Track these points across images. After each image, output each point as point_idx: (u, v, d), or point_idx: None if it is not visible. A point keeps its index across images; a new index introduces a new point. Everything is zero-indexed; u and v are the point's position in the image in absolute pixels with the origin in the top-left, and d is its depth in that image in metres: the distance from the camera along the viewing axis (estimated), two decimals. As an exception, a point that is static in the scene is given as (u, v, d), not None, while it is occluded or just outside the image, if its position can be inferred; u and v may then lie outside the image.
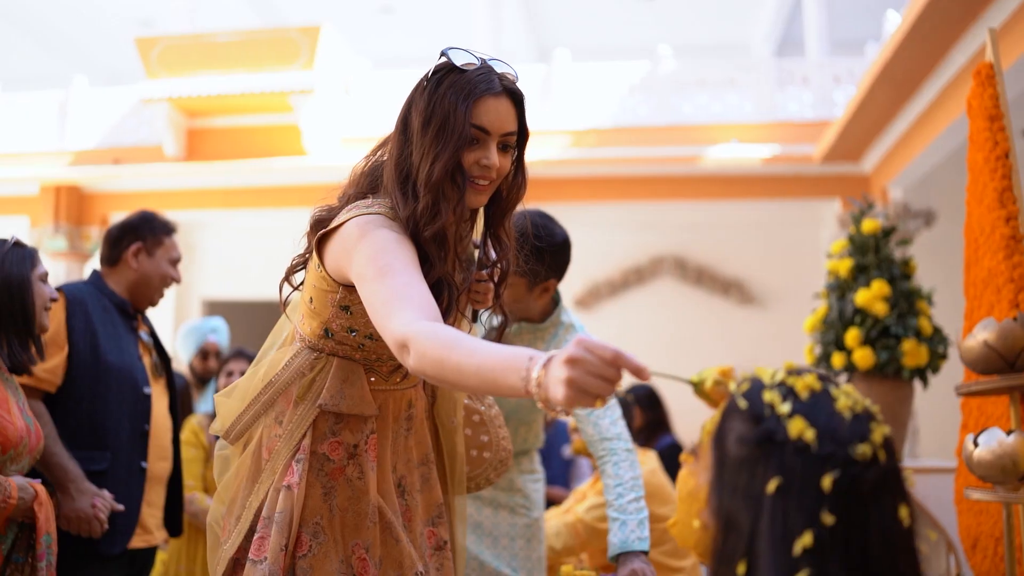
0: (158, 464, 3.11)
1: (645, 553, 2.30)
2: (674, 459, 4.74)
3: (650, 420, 5.51)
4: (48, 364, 2.83)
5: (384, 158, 1.82)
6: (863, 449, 0.95)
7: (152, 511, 3.09)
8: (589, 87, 9.98)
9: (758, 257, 10.78)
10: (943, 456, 6.25)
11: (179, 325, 10.13)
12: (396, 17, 13.28)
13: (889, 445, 0.99)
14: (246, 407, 1.85)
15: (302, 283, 1.88)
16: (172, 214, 10.44)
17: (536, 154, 9.54)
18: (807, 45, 10.67)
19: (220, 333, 5.02)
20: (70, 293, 2.98)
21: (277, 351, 1.92)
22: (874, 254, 3.81)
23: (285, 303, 1.91)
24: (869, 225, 3.83)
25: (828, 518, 0.92)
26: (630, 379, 5.14)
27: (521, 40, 13.67)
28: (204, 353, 4.93)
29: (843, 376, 3.78)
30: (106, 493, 2.77)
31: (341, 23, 11.08)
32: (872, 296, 3.68)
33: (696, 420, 2.22)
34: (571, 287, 10.91)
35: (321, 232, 1.74)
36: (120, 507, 2.80)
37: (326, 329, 1.79)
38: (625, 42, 13.69)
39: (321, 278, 1.76)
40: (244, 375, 1.93)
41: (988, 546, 3.11)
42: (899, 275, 3.77)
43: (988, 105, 3.27)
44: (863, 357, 3.63)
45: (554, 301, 2.75)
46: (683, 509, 1.11)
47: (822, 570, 0.91)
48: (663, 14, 13.17)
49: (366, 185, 1.83)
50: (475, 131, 1.71)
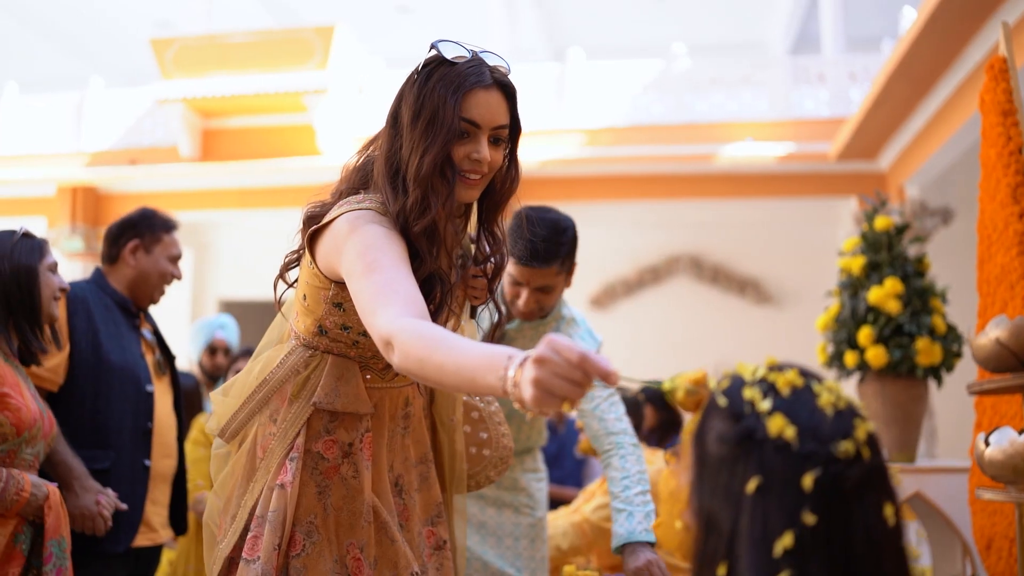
0: (162, 462, 3.10)
1: (651, 545, 2.28)
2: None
3: (662, 420, 5.46)
4: (50, 363, 2.84)
5: (376, 153, 1.80)
6: (846, 446, 0.93)
7: (157, 509, 3.09)
8: (604, 86, 9.95)
9: (774, 256, 10.72)
10: (961, 456, 6.19)
11: (195, 325, 10.17)
12: (413, 17, 13.30)
13: (874, 442, 0.96)
14: (241, 405, 1.84)
15: (296, 280, 1.86)
16: (187, 214, 10.51)
17: (550, 153, 9.53)
18: (823, 42, 10.60)
19: (228, 329, 5.04)
20: (71, 292, 2.98)
21: (273, 349, 1.91)
22: (887, 251, 3.77)
23: (280, 301, 1.90)
24: (882, 222, 3.78)
25: (809, 518, 0.90)
26: (632, 375, 5.11)
27: (537, 39, 13.66)
28: (212, 349, 4.95)
29: (856, 375, 3.74)
30: (110, 491, 2.78)
31: (358, 23, 11.10)
32: (885, 294, 3.63)
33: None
34: (586, 286, 10.89)
35: (312, 228, 1.73)
36: (124, 506, 2.80)
37: (320, 326, 1.78)
38: (640, 41, 13.65)
39: (313, 275, 1.75)
40: (240, 372, 1.92)
41: (1003, 547, 3.06)
42: (912, 273, 3.72)
43: (1001, 100, 3.23)
44: (876, 356, 3.58)
45: None
46: (665, 510, 1.09)
47: (803, 571, 0.89)
48: (678, 13, 13.13)
49: (358, 181, 1.82)
50: (465, 124, 1.69)
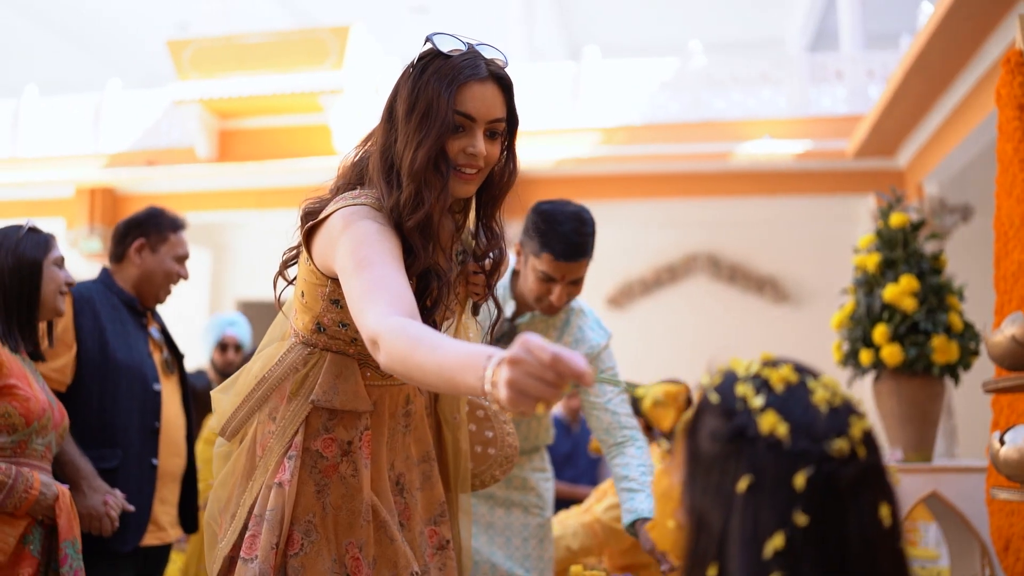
0: (171, 461, 3.10)
1: None
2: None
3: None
4: (57, 363, 2.85)
5: (372, 149, 1.79)
6: (840, 444, 0.90)
7: (166, 508, 3.09)
8: (619, 84, 9.92)
9: (792, 254, 10.66)
10: (981, 456, 6.12)
11: (212, 325, 10.21)
12: (429, 16, 13.30)
13: (870, 440, 0.93)
14: (240, 403, 1.83)
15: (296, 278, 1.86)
16: (204, 215, 10.55)
17: (566, 152, 9.51)
18: (841, 39, 10.53)
19: (238, 326, 5.07)
20: (77, 292, 2.99)
21: (272, 346, 1.90)
22: (902, 248, 3.73)
23: (280, 299, 1.88)
24: (897, 219, 3.75)
25: (801, 518, 0.87)
26: (651, 378, 5.08)
27: (554, 38, 13.64)
28: (223, 346, 4.98)
29: (871, 373, 3.70)
30: (118, 492, 2.78)
31: (375, 23, 11.11)
32: (900, 291, 3.59)
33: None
34: (603, 286, 10.86)
35: (309, 225, 1.71)
36: (131, 507, 2.80)
37: (318, 324, 1.77)
38: (657, 39, 13.60)
39: (310, 272, 1.74)
40: (240, 370, 1.91)
41: (1021, 548, 3.02)
42: (929, 270, 3.68)
43: (1018, 94, 3.18)
44: (891, 354, 3.54)
45: None
46: (659, 509, 1.06)
47: (795, 572, 0.86)
48: (695, 11, 13.08)
49: (354, 177, 1.81)
50: (460, 118, 1.67)
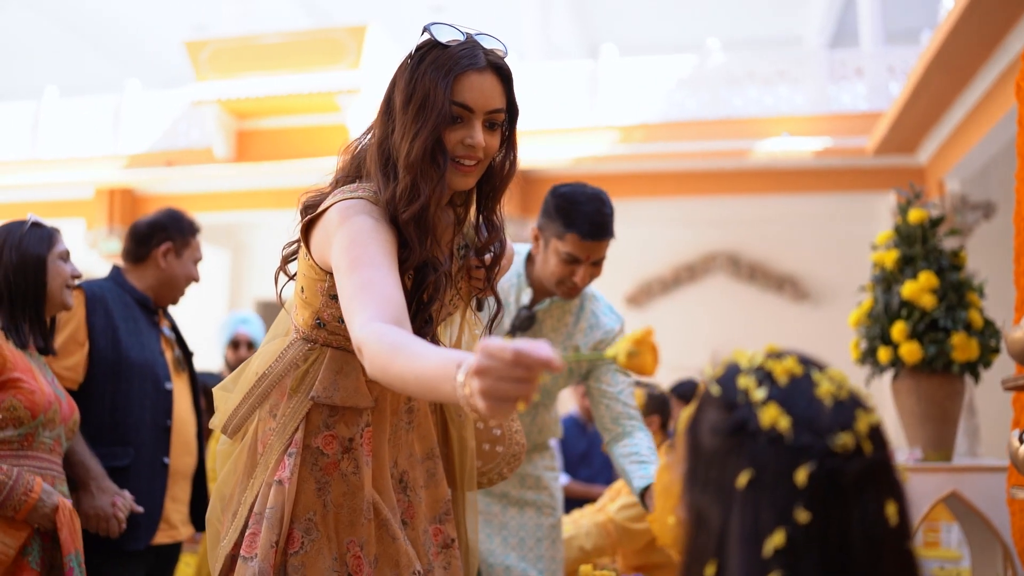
0: (182, 459, 3.10)
1: None
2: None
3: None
4: (69, 361, 2.85)
5: (371, 141, 1.77)
6: (844, 439, 0.87)
7: (177, 506, 3.08)
8: (637, 82, 9.88)
9: (812, 252, 10.59)
10: (1005, 456, 6.04)
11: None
12: (446, 15, 13.28)
13: (877, 435, 0.90)
14: (241, 400, 1.81)
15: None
16: (223, 215, 10.59)
17: (584, 151, 9.48)
18: (861, 36, 10.44)
19: (250, 324, 5.09)
20: (90, 290, 2.98)
21: (273, 343, 1.88)
22: (921, 245, 3.68)
23: (283, 295, 1.86)
24: (916, 215, 3.70)
25: (802, 515, 0.84)
26: (670, 376, 5.05)
27: (570, 36, 13.60)
28: (235, 343, 5.00)
29: (890, 371, 3.65)
30: (127, 493, 2.76)
31: (392, 22, 11.10)
32: (919, 288, 3.54)
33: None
34: (622, 285, 10.82)
35: (307, 219, 1.69)
36: (139, 509, 2.79)
37: (318, 319, 1.75)
38: (675, 37, 13.54)
39: (309, 266, 1.72)
40: (239, 367, 1.89)
41: (1043, 548, 2.97)
42: (948, 266, 3.63)
43: (1038, 87, 3.13)
44: (910, 352, 3.49)
45: None
46: (659, 505, 1.03)
47: (795, 571, 0.83)
48: (714, 8, 13.01)
49: (353, 170, 1.78)
50: (457, 109, 1.64)
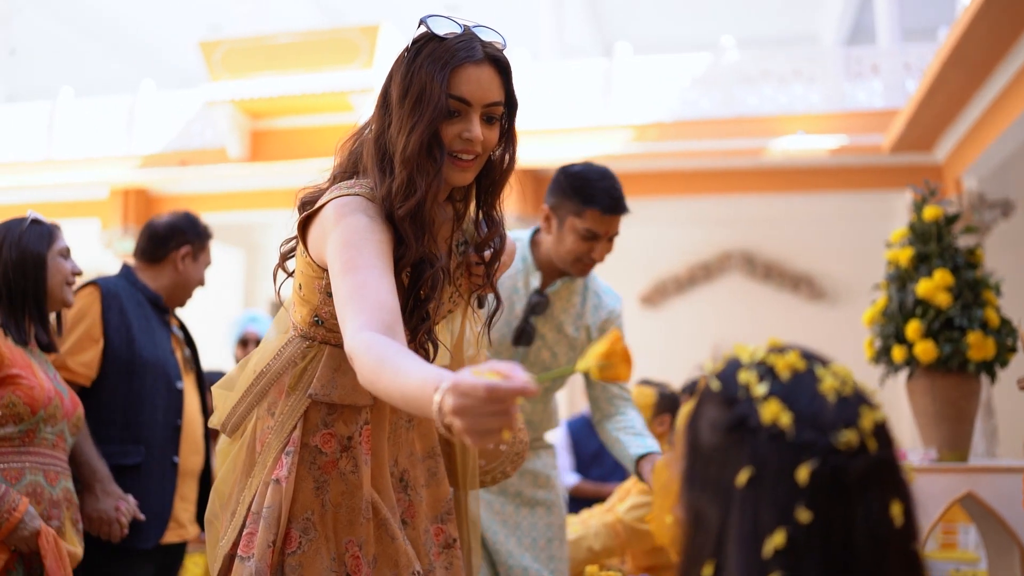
0: (191, 458, 3.09)
1: None
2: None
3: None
4: (84, 357, 2.85)
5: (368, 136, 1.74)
6: (847, 436, 0.83)
7: (185, 505, 3.08)
8: (651, 81, 9.84)
9: (828, 251, 10.53)
10: (1022, 456, 5.98)
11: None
12: (460, 14, 13.19)
13: (882, 433, 0.86)
14: (239, 398, 1.79)
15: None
16: (237, 215, 10.61)
17: (598, 149, 9.44)
18: (878, 34, 10.36)
19: (259, 323, 5.10)
20: (105, 287, 2.98)
21: (272, 340, 1.85)
22: (936, 242, 3.63)
23: (281, 292, 1.84)
24: (931, 212, 3.65)
25: (804, 514, 0.81)
26: (684, 375, 5.01)
27: (585, 35, 13.57)
28: (244, 341, 5.01)
29: (905, 370, 3.61)
30: (131, 498, 2.76)
31: (405, 22, 11.08)
32: (934, 286, 3.50)
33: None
34: (637, 285, 10.79)
35: (303, 215, 1.67)
36: (142, 516, 2.78)
37: (316, 316, 1.72)
38: (690, 35, 13.49)
39: (307, 264, 1.69)
40: (237, 365, 1.87)
41: (1060, 550, 2.93)
42: (964, 264, 3.58)
43: (1056, 82, 3.08)
44: (925, 350, 3.45)
45: None
46: (658, 503, 1.00)
47: (796, 572, 0.79)
48: (729, 7, 12.95)
49: (350, 165, 1.76)
50: (454, 102, 1.61)
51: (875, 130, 8.89)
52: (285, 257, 1.82)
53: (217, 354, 6.17)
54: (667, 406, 4.10)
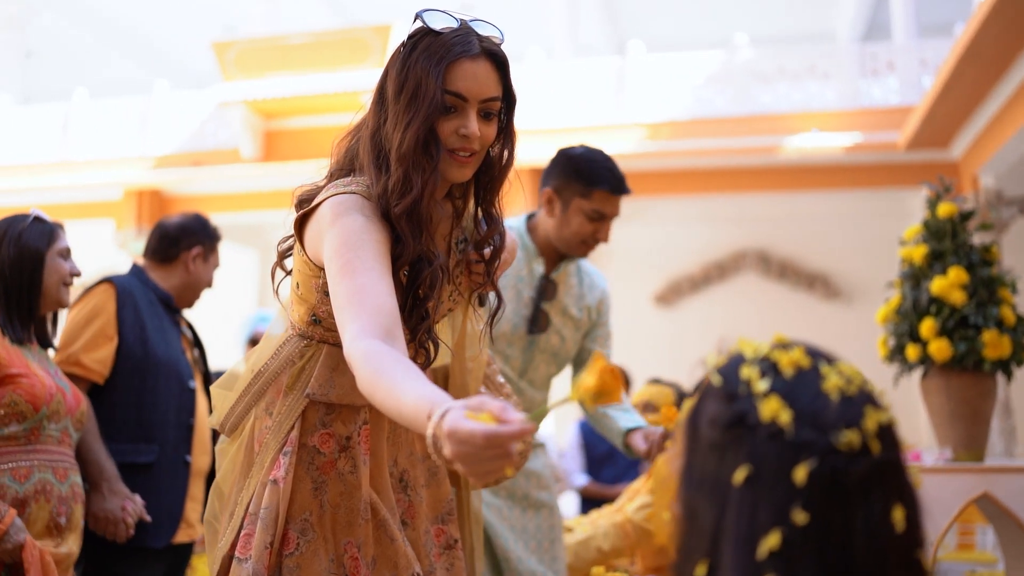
0: (200, 458, 3.09)
1: None
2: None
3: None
4: (98, 354, 2.84)
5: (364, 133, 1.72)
6: (849, 437, 0.80)
7: (194, 505, 3.07)
8: (664, 79, 9.80)
9: (844, 250, 10.46)
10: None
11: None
12: (475, 14, 13.20)
13: (887, 435, 0.83)
14: (238, 398, 1.77)
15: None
16: (250, 215, 10.62)
17: (611, 148, 9.34)
18: (894, 30, 10.29)
19: (270, 323, 5.09)
20: (120, 284, 2.98)
21: (270, 339, 1.83)
22: (951, 239, 3.58)
23: (279, 290, 1.82)
24: (945, 209, 3.60)
25: (800, 516, 0.78)
26: (698, 374, 4.97)
27: (598, 33, 13.54)
28: (254, 341, 5.00)
29: (919, 369, 3.57)
30: (138, 498, 2.74)
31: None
32: (949, 284, 3.45)
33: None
34: (651, 284, 10.75)
35: (300, 213, 1.65)
36: (148, 518, 2.77)
37: (314, 315, 1.70)
38: (705, 33, 13.43)
39: (304, 262, 1.67)
40: (235, 365, 1.85)
41: (1078, 552, 2.88)
42: (979, 262, 3.53)
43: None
44: (939, 349, 3.40)
45: None
46: (657, 499, 0.97)
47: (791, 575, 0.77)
48: (743, 4, 12.89)
49: (347, 162, 1.73)
50: (450, 98, 1.59)
51: (891, 127, 8.82)
52: (283, 256, 1.81)
53: (231, 354, 6.17)
54: (680, 406, 4.07)
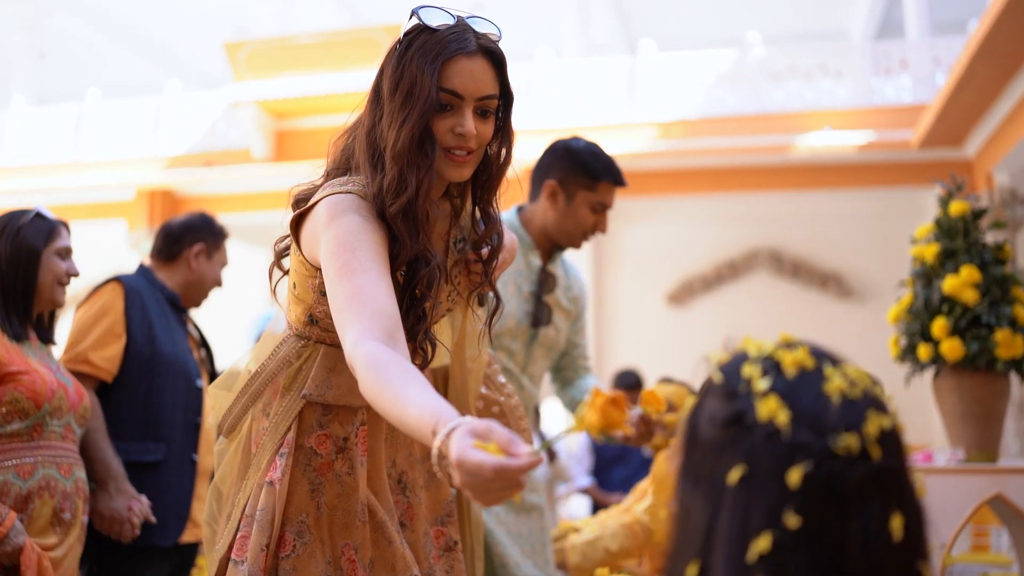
0: (208, 458, 3.09)
1: None
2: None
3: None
4: (107, 352, 2.84)
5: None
6: (848, 440, 0.77)
7: (201, 504, 3.06)
8: (676, 78, 9.77)
9: (857, 249, 10.39)
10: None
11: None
12: (485, 14, 13.13)
13: (889, 440, 0.80)
14: (235, 399, 1.76)
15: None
16: (262, 215, 10.63)
17: (622, 147, 9.37)
18: (907, 28, 10.22)
19: (276, 322, 5.10)
20: (128, 283, 2.98)
21: (268, 340, 1.82)
22: (963, 238, 3.55)
23: (276, 290, 1.81)
24: (957, 207, 3.57)
25: (792, 519, 0.76)
26: (694, 375, 4.96)
27: (610, 32, 13.50)
28: None
29: (931, 369, 3.53)
30: (144, 498, 2.74)
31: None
32: (961, 283, 3.42)
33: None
34: (663, 283, 10.70)
35: (296, 213, 1.63)
36: (153, 519, 2.76)
37: (310, 316, 1.68)
38: (717, 32, 13.39)
39: (300, 262, 1.65)
40: (233, 364, 1.84)
41: (1092, 553, 2.85)
42: (991, 260, 3.50)
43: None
44: (951, 348, 3.37)
45: None
46: (656, 497, 0.95)
47: None
48: (756, 2, 12.84)
49: (343, 161, 1.72)
50: (446, 96, 1.56)
51: (904, 126, 8.77)
52: (280, 255, 1.79)
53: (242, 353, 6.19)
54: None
